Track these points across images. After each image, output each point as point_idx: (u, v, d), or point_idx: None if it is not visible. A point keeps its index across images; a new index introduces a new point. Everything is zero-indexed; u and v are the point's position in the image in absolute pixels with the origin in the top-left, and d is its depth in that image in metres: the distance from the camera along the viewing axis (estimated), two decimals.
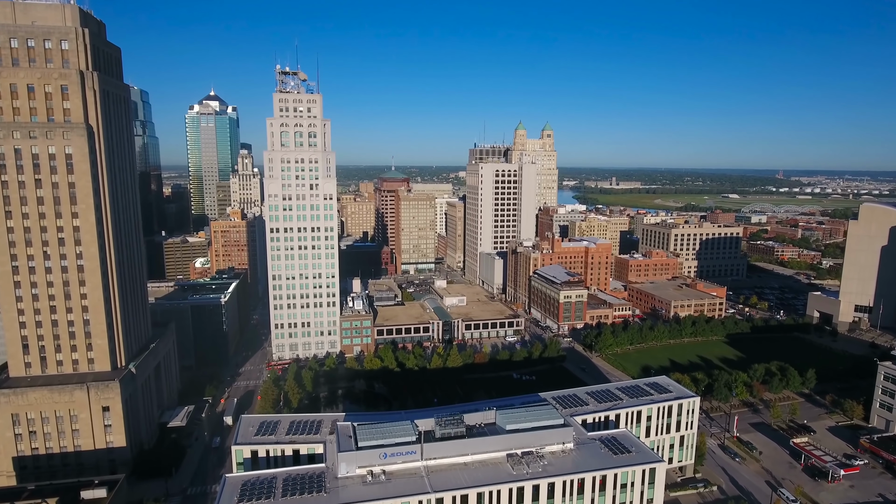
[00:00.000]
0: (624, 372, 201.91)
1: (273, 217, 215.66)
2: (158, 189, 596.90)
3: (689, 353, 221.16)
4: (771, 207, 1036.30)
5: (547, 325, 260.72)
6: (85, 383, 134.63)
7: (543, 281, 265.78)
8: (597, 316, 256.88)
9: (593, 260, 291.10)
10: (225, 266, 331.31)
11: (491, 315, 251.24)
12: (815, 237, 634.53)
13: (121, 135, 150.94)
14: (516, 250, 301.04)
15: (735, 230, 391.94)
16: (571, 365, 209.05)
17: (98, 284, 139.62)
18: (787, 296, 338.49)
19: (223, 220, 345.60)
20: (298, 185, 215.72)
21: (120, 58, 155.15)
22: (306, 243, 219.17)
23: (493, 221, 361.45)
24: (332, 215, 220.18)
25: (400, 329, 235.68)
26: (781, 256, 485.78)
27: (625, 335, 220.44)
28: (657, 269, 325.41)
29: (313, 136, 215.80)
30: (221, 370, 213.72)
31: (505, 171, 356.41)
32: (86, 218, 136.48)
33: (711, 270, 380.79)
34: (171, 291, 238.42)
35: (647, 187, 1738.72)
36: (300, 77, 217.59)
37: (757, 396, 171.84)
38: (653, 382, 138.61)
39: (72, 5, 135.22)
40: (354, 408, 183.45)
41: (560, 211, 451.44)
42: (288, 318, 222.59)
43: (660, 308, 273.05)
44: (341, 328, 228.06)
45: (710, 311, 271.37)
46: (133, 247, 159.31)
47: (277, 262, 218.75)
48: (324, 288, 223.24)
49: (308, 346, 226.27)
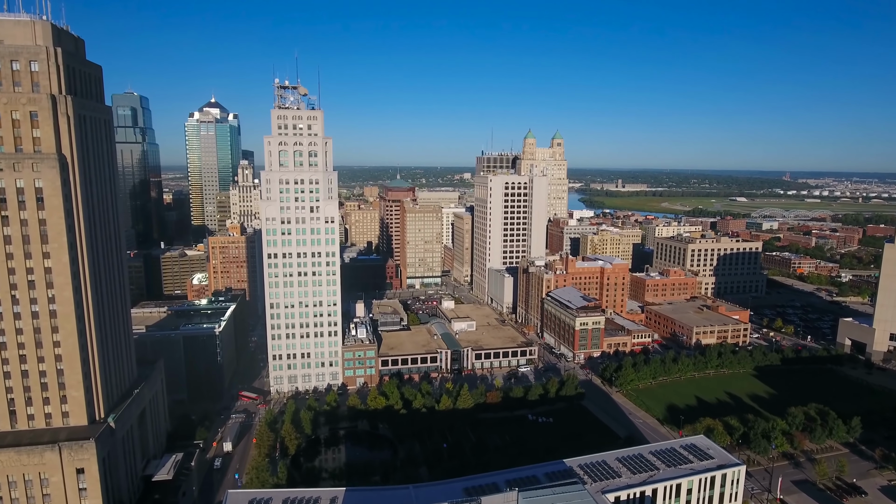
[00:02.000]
0: (648, 412, 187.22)
1: (271, 242, 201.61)
2: (159, 196, 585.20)
3: (716, 388, 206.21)
4: (780, 212, 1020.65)
5: (561, 353, 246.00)
6: (57, 443, 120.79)
7: (557, 305, 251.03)
8: (614, 344, 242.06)
9: (609, 281, 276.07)
10: (223, 283, 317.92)
11: (502, 343, 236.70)
12: (830, 245, 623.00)
13: (100, 162, 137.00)
14: (528, 270, 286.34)
15: (753, 245, 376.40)
16: (591, 403, 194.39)
17: (73, 331, 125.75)
18: (811, 316, 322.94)
19: (222, 234, 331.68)
20: (298, 207, 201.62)
21: (100, 77, 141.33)
22: (306, 269, 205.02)
23: (502, 236, 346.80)
24: (334, 239, 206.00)
25: (406, 359, 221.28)
26: (798, 269, 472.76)
27: (647, 369, 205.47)
28: (675, 289, 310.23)
29: (314, 155, 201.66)
30: (216, 404, 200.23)
31: (515, 183, 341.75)
32: (58, 258, 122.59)
33: (730, 287, 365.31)
34: (163, 318, 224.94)
35: (653, 190, 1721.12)
36: (300, 92, 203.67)
37: (798, 448, 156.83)
38: (690, 444, 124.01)
39: (43, 22, 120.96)
40: (357, 451, 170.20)
41: (570, 222, 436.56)
42: (287, 349, 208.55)
43: (680, 334, 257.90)
44: (343, 359, 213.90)
45: (734, 338, 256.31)
46: (115, 283, 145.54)
47: (275, 289, 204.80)
48: (325, 317, 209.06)
49: (308, 377, 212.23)
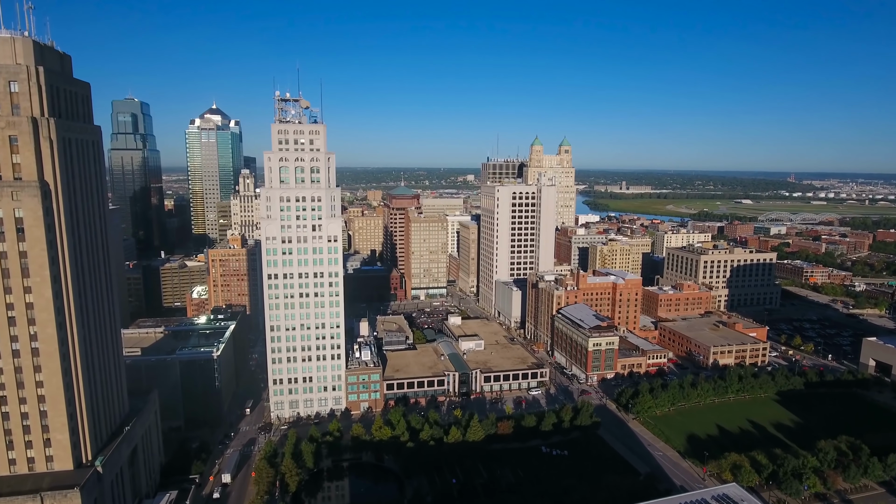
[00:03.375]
0: (667, 443, 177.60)
1: (271, 262, 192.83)
2: (160, 202, 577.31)
3: (737, 415, 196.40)
4: (787, 215, 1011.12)
5: (573, 374, 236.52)
6: (39, 493, 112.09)
7: (569, 323, 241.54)
8: (628, 365, 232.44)
9: (622, 297, 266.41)
10: (223, 296, 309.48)
11: (512, 364, 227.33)
12: (840, 251, 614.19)
13: (88, 186, 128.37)
14: (537, 285, 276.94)
15: (767, 256, 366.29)
16: (607, 432, 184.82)
17: (56, 370, 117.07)
18: (829, 331, 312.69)
19: (222, 247, 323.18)
20: (299, 226, 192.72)
21: (88, 95, 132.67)
22: (308, 290, 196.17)
23: (509, 247, 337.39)
24: (337, 259, 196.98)
25: (412, 382, 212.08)
26: (811, 278, 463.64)
27: (665, 396, 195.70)
28: (689, 304, 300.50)
29: (316, 171, 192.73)
30: (214, 431, 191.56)
31: (522, 193, 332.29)
32: (41, 293, 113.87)
33: (743, 299, 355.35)
34: (160, 339, 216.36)
35: (657, 192, 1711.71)
36: (301, 105, 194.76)
37: (831, 488, 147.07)
38: (722, 495, 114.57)
39: (24, 39, 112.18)
40: (361, 486, 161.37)
41: (579, 231, 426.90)
42: (287, 373, 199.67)
43: (697, 353, 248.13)
44: (347, 383, 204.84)
45: (753, 357, 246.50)
46: (105, 314, 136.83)
47: (276, 311, 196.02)
48: (327, 339, 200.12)
49: (310, 402, 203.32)
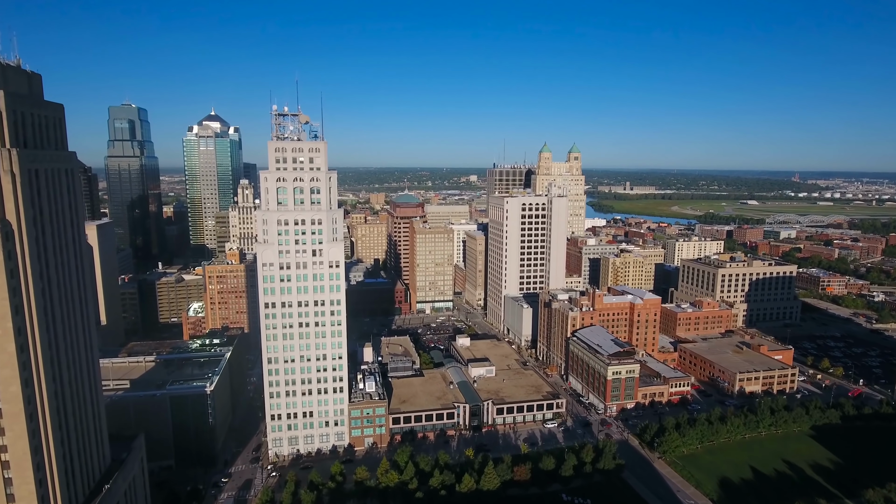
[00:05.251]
0: (698, 488, 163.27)
1: (268, 290, 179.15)
2: (158, 210, 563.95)
3: (771, 454, 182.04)
4: (795, 217, 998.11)
5: (591, 403, 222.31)
6: None
7: (585, 348, 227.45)
8: (650, 394, 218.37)
9: (640, 318, 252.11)
10: (220, 314, 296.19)
11: (526, 394, 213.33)
12: (853, 257, 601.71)
13: (60, 221, 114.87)
14: (550, 304, 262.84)
15: (787, 269, 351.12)
16: (631, 474, 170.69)
17: (22, 433, 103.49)
18: (855, 350, 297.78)
19: (220, 262, 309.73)
20: (298, 251, 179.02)
21: (61, 118, 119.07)
22: (308, 320, 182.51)
23: (519, 261, 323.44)
24: (339, 286, 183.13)
25: (420, 416, 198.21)
26: (828, 288, 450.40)
27: (693, 433, 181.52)
28: (708, 322, 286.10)
29: (316, 192, 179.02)
30: (207, 472, 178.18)
31: (532, 204, 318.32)
32: (2, 348, 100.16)
33: (762, 314, 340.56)
34: (151, 367, 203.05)
35: (661, 192, 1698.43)
36: (301, 120, 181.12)
37: None
38: None
39: None
40: None
41: (589, 242, 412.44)
42: (287, 408, 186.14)
43: (721, 380, 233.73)
44: (350, 417, 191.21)
45: (781, 384, 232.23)
46: (82, 361, 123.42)
47: (274, 342, 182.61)
48: (329, 371, 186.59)
49: (310, 438, 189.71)
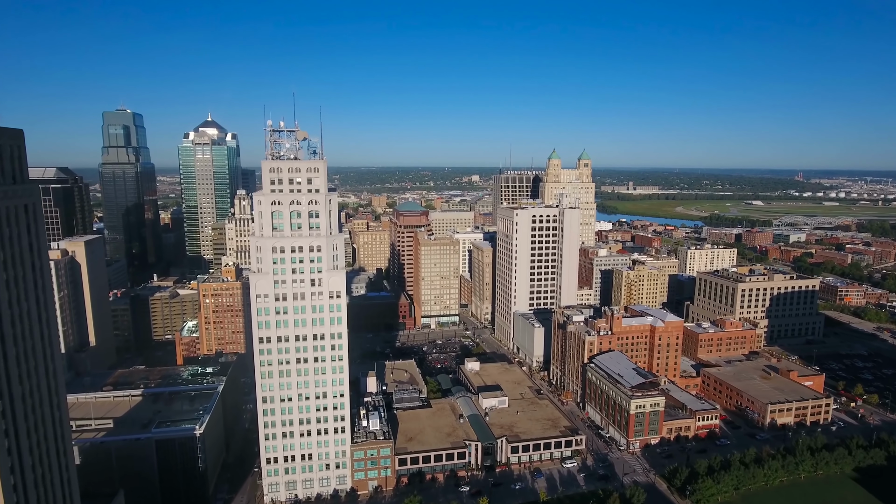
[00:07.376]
0: None
1: (262, 323, 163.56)
2: (154, 218, 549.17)
3: (812, 501, 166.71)
4: (802, 219, 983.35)
5: (611, 437, 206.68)
6: None
7: (605, 377, 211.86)
8: (675, 428, 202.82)
9: (661, 342, 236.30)
10: (216, 334, 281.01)
11: (542, 429, 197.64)
12: (866, 262, 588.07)
13: (18, 262, 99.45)
14: (565, 326, 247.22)
15: (810, 283, 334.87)
16: None
17: None
18: (886, 371, 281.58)
19: (215, 278, 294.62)
20: (296, 280, 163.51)
21: (21, 145, 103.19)
22: (307, 355, 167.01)
23: (529, 275, 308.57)
24: (341, 318, 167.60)
25: (428, 456, 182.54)
26: (846, 298, 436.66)
27: (727, 479, 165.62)
28: (731, 343, 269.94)
29: (314, 215, 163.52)
30: None
31: (543, 216, 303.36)
32: None
33: (784, 330, 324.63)
34: (137, 403, 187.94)
35: (665, 192, 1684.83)
36: (298, 136, 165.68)
37: None
38: None
39: None
40: None
41: (601, 253, 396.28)
42: (284, 451, 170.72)
43: (749, 410, 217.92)
44: (353, 459, 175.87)
45: (815, 415, 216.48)
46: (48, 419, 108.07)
47: (269, 379, 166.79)
48: (329, 411, 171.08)
49: (310, 483, 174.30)
